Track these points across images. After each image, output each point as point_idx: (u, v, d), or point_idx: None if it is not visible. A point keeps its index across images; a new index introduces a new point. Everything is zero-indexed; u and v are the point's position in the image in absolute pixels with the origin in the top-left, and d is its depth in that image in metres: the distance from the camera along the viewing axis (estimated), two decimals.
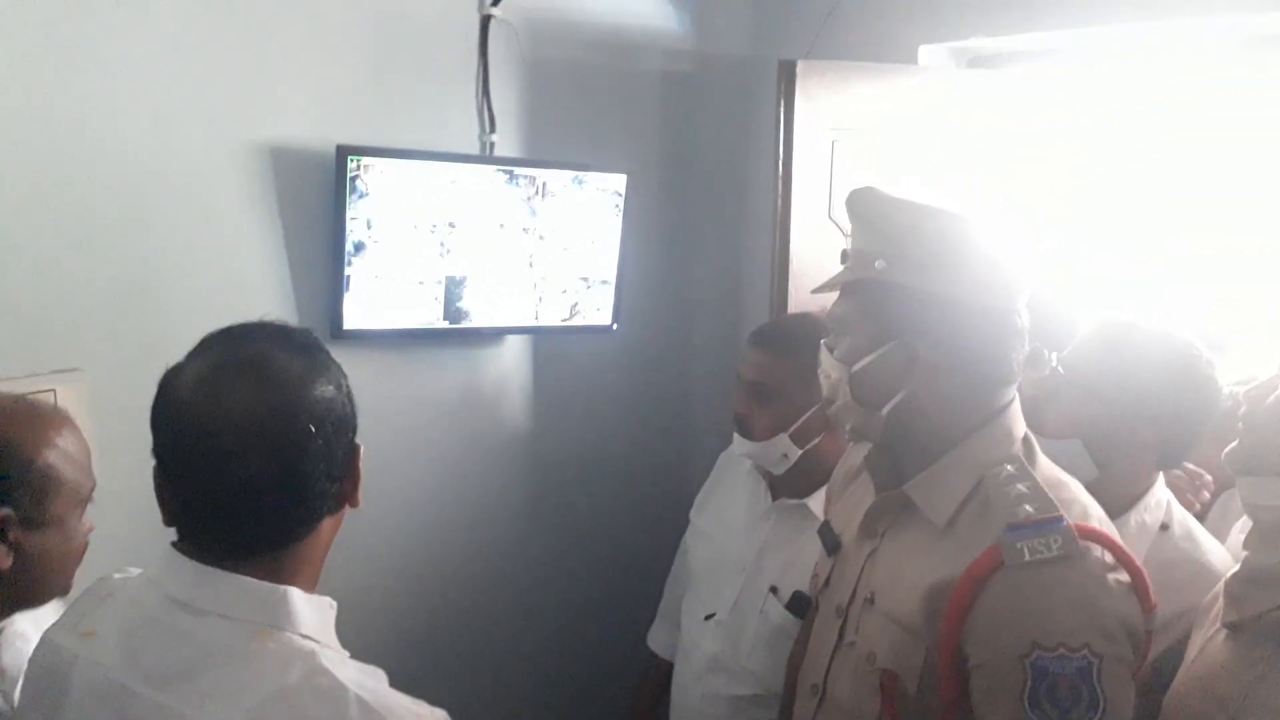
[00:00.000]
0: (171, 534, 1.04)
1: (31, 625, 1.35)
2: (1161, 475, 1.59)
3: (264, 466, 0.98)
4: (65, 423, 1.31)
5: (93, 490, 1.33)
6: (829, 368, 1.36)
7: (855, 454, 1.56)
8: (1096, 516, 1.27)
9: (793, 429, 1.80)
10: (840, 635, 1.39)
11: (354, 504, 1.08)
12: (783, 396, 1.80)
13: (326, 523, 1.06)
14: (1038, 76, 2.57)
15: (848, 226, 1.37)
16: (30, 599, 1.32)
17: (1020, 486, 1.23)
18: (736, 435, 1.88)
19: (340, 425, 1.03)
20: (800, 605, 1.77)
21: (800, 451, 1.81)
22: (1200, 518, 1.67)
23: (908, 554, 1.31)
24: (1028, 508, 1.20)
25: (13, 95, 1.72)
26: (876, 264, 1.27)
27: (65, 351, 1.80)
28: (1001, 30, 2.44)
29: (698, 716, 1.92)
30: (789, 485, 1.88)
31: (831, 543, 1.48)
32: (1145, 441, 1.53)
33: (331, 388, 1.03)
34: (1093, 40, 2.43)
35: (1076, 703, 1.12)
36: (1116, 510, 1.42)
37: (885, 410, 1.30)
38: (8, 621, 1.33)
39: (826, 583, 1.47)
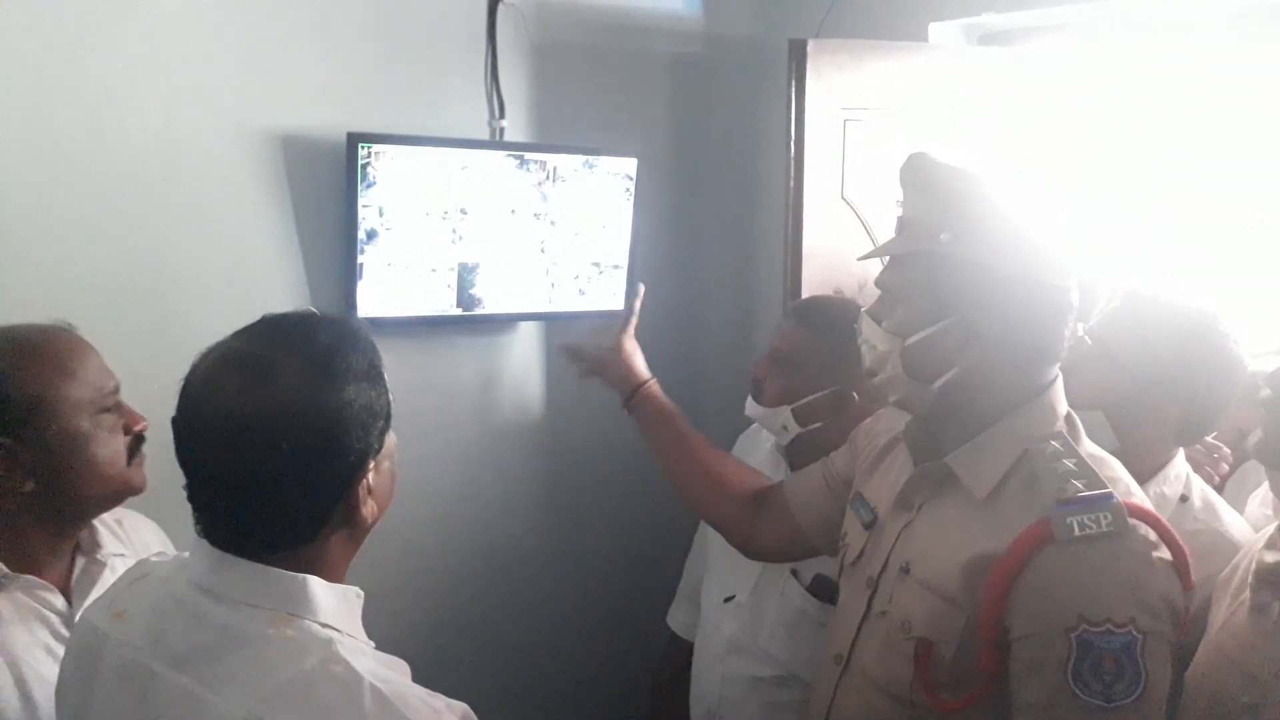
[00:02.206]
0: (186, 522, 1.04)
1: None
2: (1182, 450, 1.58)
3: (233, 466, 0.97)
4: (49, 343, 1.33)
5: (114, 391, 1.37)
6: (876, 339, 1.33)
7: (885, 429, 1.54)
8: (1138, 495, 1.27)
9: (797, 404, 1.79)
10: (869, 606, 1.38)
11: (356, 524, 1.05)
12: (799, 370, 1.80)
13: (333, 538, 1.04)
14: (1049, 52, 2.56)
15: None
16: (78, 513, 1.37)
17: (1068, 463, 1.22)
18: (749, 397, 1.88)
19: (330, 446, 0.99)
20: (821, 588, 1.77)
21: (800, 429, 1.80)
22: (1218, 489, 1.67)
23: (946, 525, 1.30)
24: (1076, 484, 1.20)
25: (23, 87, 1.72)
26: (942, 236, 1.25)
27: None
28: (1012, 6, 2.42)
29: (718, 698, 1.92)
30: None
31: (868, 517, 1.46)
32: (1165, 416, 1.53)
33: (331, 409, 0.99)
34: (1103, 14, 2.41)
35: (1119, 677, 1.13)
36: (1136, 481, 1.41)
37: (937, 385, 1.28)
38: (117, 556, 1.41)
39: (860, 555, 1.45)
